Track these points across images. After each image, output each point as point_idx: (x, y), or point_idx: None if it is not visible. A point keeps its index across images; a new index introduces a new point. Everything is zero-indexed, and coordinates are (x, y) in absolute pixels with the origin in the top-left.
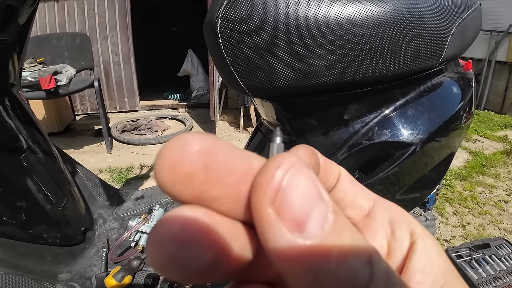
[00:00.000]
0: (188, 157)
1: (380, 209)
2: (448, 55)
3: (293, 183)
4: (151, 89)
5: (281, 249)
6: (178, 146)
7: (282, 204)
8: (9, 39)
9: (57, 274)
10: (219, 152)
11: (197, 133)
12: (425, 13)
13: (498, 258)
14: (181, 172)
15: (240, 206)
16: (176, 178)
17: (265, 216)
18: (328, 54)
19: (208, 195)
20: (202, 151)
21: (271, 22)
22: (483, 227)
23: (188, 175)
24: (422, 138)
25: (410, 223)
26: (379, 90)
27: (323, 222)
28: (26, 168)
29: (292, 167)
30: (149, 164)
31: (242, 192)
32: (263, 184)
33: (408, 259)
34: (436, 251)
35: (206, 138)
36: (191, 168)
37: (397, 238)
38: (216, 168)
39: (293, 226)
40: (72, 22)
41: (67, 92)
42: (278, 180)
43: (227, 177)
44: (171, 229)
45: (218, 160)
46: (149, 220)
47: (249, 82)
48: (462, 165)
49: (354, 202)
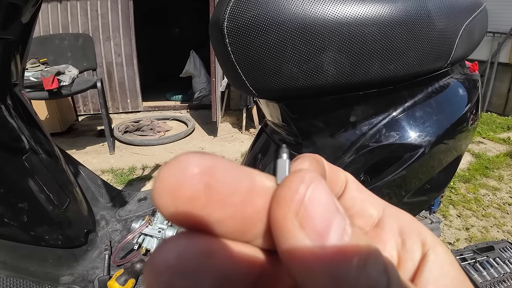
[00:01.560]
0: (189, 180)
1: (390, 218)
2: (456, 57)
3: (314, 197)
4: (154, 90)
5: (305, 260)
6: (178, 168)
7: (305, 217)
8: (12, 37)
9: (59, 276)
10: (221, 172)
11: (196, 153)
12: (434, 14)
13: (502, 261)
14: (182, 196)
15: (245, 226)
16: (178, 203)
17: (289, 228)
18: (337, 55)
19: (212, 218)
20: (203, 172)
21: (279, 22)
22: (487, 230)
23: (190, 199)
24: (431, 140)
25: (420, 232)
26: (387, 92)
27: (343, 234)
28: (28, 168)
29: (313, 182)
30: (152, 165)
31: (248, 211)
32: (288, 197)
33: (420, 271)
34: (448, 260)
35: (206, 158)
36: (192, 191)
37: (408, 249)
38: (218, 189)
39: (316, 237)
40: (75, 23)
41: (70, 93)
42: (302, 194)
43: (230, 197)
44: (166, 258)
45: (220, 180)
46: (152, 222)
47: (255, 83)
48: (466, 167)
49: (363, 211)
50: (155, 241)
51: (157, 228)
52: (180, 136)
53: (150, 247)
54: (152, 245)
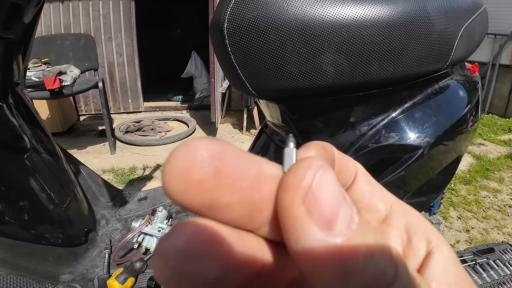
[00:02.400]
0: (199, 163)
1: (397, 214)
2: (456, 58)
3: (322, 183)
4: (155, 90)
5: (311, 247)
6: (187, 152)
7: (312, 203)
8: (14, 37)
9: (59, 275)
10: (230, 157)
11: (205, 138)
12: (434, 15)
13: (503, 263)
14: (191, 179)
15: (252, 212)
16: (187, 186)
17: (296, 214)
18: (336, 56)
19: (220, 202)
20: (212, 157)
21: (279, 23)
22: (487, 232)
23: (199, 182)
24: (430, 141)
25: (426, 230)
26: (386, 93)
27: (350, 222)
28: (30, 167)
29: (320, 168)
30: (152, 165)
31: (255, 197)
32: (295, 183)
33: (424, 268)
34: (452, 259)
35: (215, 143)
36: (202, 174)
37: (413, 246)
38: (227, 174)
39: (324, 224)
40: (77, 23)
41: (71, 93)
42: (309, 180)
43: (239, 182)
44: (175, 242)
45: (229, 165)
46: (152, 222)
47: (255, 84)
48: (466, 169)
49: (371, 205)
50: (155, 240)
51: (157, 227)
52: (181, 136)
53: (150, 246)
54: (152, 244)
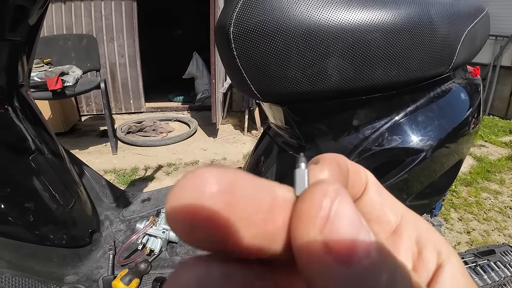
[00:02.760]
0: (208, 199)
1: (408, 226)
2: (458, 62)
3: (340, 212)
4: (157, 91)
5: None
6: (195, 186)
7: (331, 234)
8: (19, 39)
9: (64, 276)
10: (241, 189)
11: (214, 167)
12: (437, 20)
13: (503, 265)
14: (201, 217)
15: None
16: (196, 224)
17: (314, 248)
18: (341, 60)
19: (233, 239)
20: (222, 191)
21: (284, 28)
22: (488, 233)
23: (210, 220)
24: (432, 144)
25: (437, 242)
26: (389, 96)
27: (370, 249)
28: (35, 169)
29: (338, 195)
30: (154, 166)
31: (269, 230)
32: (311, 214)
33: (434, 281)
34: (460, 270)
35: (225, 174)
36: (213, 211)
37: (424, 259)
38: (239, 208)
39: (343, 258)
40: (79, 24)
41: (74, 93)
42: (327, 209)
43: (252, 216)
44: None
45: (241, 198)
46: (156, 223)
47: (260, 87)
48: (467, 170)
49: (381, 216)
50: (159, 242)
51: (161, 229)
52: (183, 137)
53: (154, 248)
54: (156, 245)
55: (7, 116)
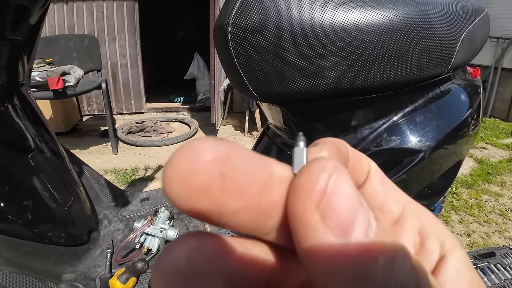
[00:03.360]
0: (203, 166)
1: (411, 216)
2: (457, 63)
3: (338, 187)
4: (158, 91)
5: (326, 257)
6: (190, 154)
7: (327, 208)
8: (20, 38)
9: (61, 274)
10: (237, 160)
11: (210, 138)
12: (435, 20)
13: (503, 267)
14: (195, 184)
15: (261, 218)
16: (190, 191)
17: (310, 221)
18: (338, 60)
19: (227, 209)
20: (217, 159)
21: (282, 28)
22: (489, 236)
23: (204, 187)
24: (431, 145)
25: (440, 233)
26: (387, 97)
27: (368, 229)
28: (34, 167)
29: (335, 170)
30: (154, 166)
31: (264, 203)
32: (308, 187)
33: (437, 272)
34: (466, 263)
35: (220, 144)
36: (206, 179)
37: (426, 250)
38: (234, 178)
39: (340, 232)
40: (81, 24)
41: (75, 93)
42: (324, 183)
43: (246, 187)
44: (175, 261)
45: (236, 168)
46: (154, 222)
47: (258, 87)
48: (468, 172)
49: (384, 206)
50: (157, 241)
51: (159, 228)
52: (183, 137)
53: (152, 247)
54: (153, 244)
55: (7, 115)
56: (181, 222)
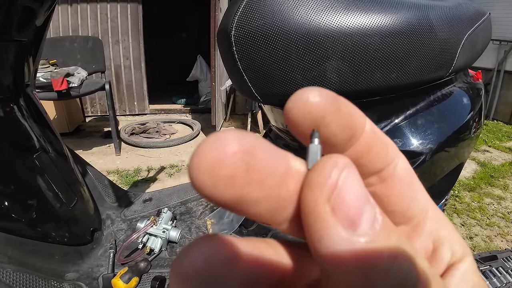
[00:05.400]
0: (230, 157)
1: (430, 222)
2: (458, 66)
3: (347, 182)
4: (161, 93)
5: (334, 246)
6: (218, 145)
7: (337, 202)
8: (26, 40)
9: (65, 273)
10: (260, 152)
11: (234, 131)
12: (436, 23)
13: (505, 271)
14: (222, 173)
15: (278, 209)
16: (217, 180)
17: (320, 213)
18: (340, 63)
19: (250, 198)
20: (243, 151)
21: (284, 31)
22: (491, 239)
23: (230, 177)
24: (432, 147)
25: (454, 242)
26: (389, 99)
27: (374, 222)
28: (39, 167)
29: (346, 167)
30: (157, 167)
31: (282, 194)
32: (320, 181)
33: (444, 277)
34: (472, 268)
35: (246, 136)
36: (233, 169)
37: (437, 257)
38: (257, 169)
39: (348, 224)
40: (85, 26)
41: (79, 94)
42: (335, 178)
43: (268, 178)
44: (193, 262)
45: (260, 160)
46: (157, 223)
47: (261, 89)
48: (471, 175)
49: (407, 212)
50: (159, 241)
51: (162, 228)
52: (185, 139)
53: (154, 247)
54: (156, 244)
55: (13, 115)
56: (183, 222)
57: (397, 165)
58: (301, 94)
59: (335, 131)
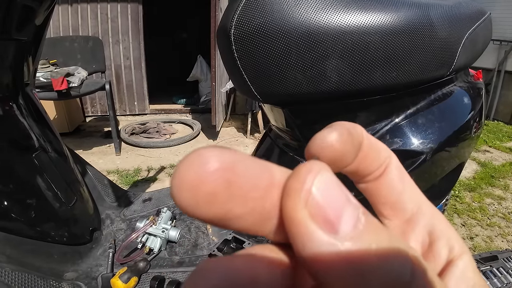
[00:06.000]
0: (210, 175)
1: (423, 217)
2: (459, 65)
3: (322, 186)
4: (161, 93)
5: (318, 251)
6: (198, 164)
7: (314, 206)
8: (25, 39)
9: (64, 272)
10: (241, 167)
11: (214, 148)
12: (436, 22)
13: (506, 271)
14: (203, 192)
15: (263, 220)
16: (198, 198)
17: (300, 219)
18: (340, 62)
19: (233, 214)
20: (223, 168)
21: (284, 30)
22: (491, 239)
23: (211, 194)
24: (432, 147)
25: (451, 238)
26: (389, 99)
27: (356, 223)
28: (38, 166)
29: (320, 171)
30: (157, 167)
31: (266, 207)
32: (297, 188)
33: (443, 275)
34: (471, 267)
35: (225, 153)
36: (214, 186)
37: (434, 252)
38: (239, 184)
39: (327, 227)
40: (85, 26)
41: (79, 94)
42: (310, 183)
43: (250, 193)
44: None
45: (240, 176)
46: (156, 222)
47: (260, 88)
48: (471, 176)
49: (397, 203)
50: (159, 241)
51: (161, 228)
52: (186, 139)
53: (154, 247)
54: (155, 244)
55: (12, 114)
56: (183, 222)
57: (388, 163)
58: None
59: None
